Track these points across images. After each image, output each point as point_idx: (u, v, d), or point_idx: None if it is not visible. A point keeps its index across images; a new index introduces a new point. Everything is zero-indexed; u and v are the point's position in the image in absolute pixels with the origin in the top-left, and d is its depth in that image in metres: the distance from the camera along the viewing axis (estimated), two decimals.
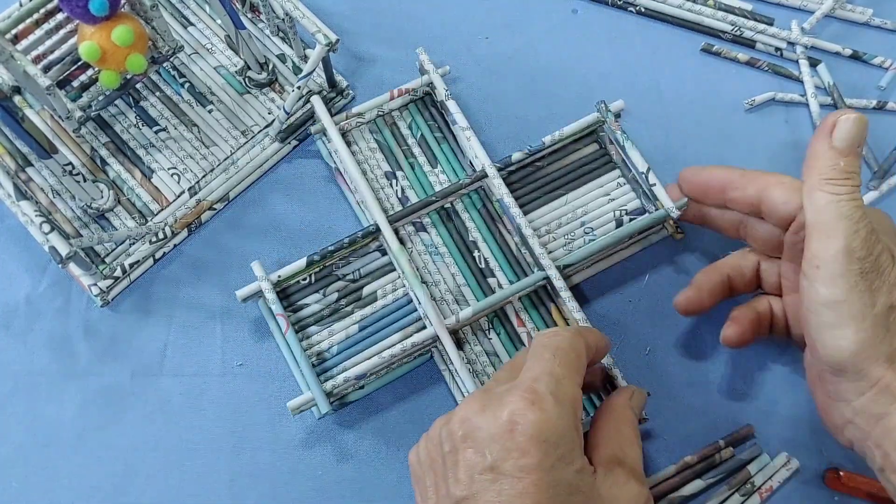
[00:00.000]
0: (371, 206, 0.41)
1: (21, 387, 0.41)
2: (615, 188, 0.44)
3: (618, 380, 0.38)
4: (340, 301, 0.41)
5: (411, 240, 0.43)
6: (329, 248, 0.41)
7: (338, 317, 0.41)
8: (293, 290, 0.41)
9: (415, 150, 0.45)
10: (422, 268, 0.42)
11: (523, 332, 0.41)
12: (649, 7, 0.51)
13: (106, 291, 0.42)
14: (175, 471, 0.40)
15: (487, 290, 0.42)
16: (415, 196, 0.44)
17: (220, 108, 0.46)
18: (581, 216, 0.43)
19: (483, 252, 0.43)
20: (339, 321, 0.41)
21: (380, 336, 0.40)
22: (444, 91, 0.44)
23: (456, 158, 0.45)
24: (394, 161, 0.45)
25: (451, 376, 0.41)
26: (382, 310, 0.41)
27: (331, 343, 0.40)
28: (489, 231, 0.43)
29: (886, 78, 0.49)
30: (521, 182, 0.44)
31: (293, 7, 0.39)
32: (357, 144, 0.45)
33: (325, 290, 0.41)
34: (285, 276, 0.40)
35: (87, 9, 0.37)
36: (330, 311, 0.41)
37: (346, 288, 0.41)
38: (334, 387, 0.38)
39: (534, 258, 0.41)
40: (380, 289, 0.42)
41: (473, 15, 0.50)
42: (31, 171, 0.44)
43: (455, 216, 0.43)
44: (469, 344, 0.41)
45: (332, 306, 0.41)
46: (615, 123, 0.43)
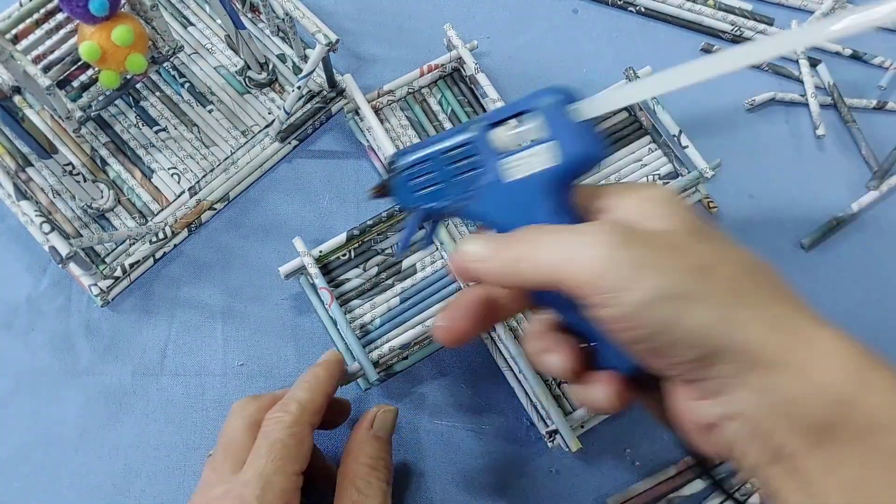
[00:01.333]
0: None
1: (22, 386, 0.41)
2: (647, 154, 0.45)
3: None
4: (381, 275, 0.42)
5: None
6: (368, 222, 0.42)
7: (379, 290, 0.42)
8: (334, 266, 0.42)
9: (446, 125, 0.46)
10: (459, 239, 0.43)
11: None
12: (649, 7, 0.51)
13: (106, 291, 0.42)
14: (176, 470, 0.40)
15: None
16: None
17: (221, 108, 0.46)
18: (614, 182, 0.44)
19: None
20: (381, 294, 0.42)
21: (421, 307, 0.41)
22: (474, 65, 0.45)
23: None
24: (426, 137, 0.45)
25: (493, 343, 0.42)
26: (422, 282, 0.42)
27: (373, 316, 0.41)
28: None
29: (886, 78, 0.49)
30: None
31: (293, 7, 0.39)
32: (389, 122, 0.46)
33: (364, 265, 0.42)
34: (326, 252, 0.41)
35: (87, 9, 0.37)
36: (371, 285, 0.42)
37: (385, 262, 0.42)
38: (380, 356, 0.39)
39: None
40: (419, 261, 0.42)
41: (474, 15, 0.51)
42: (32, 171, 0.44)
43: None
44: None
45: (372, 280, 0.42)
46: None
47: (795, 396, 0.23)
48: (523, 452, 0.40)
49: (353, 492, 0.33)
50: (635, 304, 0.24)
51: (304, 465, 0.32)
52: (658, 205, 0.26)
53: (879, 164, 0.46)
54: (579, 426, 0.40)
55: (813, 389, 0.23)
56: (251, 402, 0.35)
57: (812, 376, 0.23)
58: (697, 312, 0.24)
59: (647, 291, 0.23)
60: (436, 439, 0.41)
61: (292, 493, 0.31)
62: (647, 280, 0.24)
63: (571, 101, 0.28)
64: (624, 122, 0.45)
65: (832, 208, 0.46)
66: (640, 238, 0.24)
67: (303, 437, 0.32)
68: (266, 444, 0.31)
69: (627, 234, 0.24)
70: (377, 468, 0.34)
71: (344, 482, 0.33)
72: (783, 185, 0.47)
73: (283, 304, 0.43)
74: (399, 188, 0.33)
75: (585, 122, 0.27)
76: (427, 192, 0.32)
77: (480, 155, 0.29)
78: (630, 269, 0.24)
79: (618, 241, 0.24)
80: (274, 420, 0.32)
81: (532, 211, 0.28)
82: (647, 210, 0.26)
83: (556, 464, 0.40)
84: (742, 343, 0.24)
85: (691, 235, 0.25)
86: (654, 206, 0.26)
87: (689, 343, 0.24)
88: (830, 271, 0.45)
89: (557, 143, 0.27)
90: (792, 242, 0.45)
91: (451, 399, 0.41)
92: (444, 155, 0.31)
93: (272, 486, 0.30)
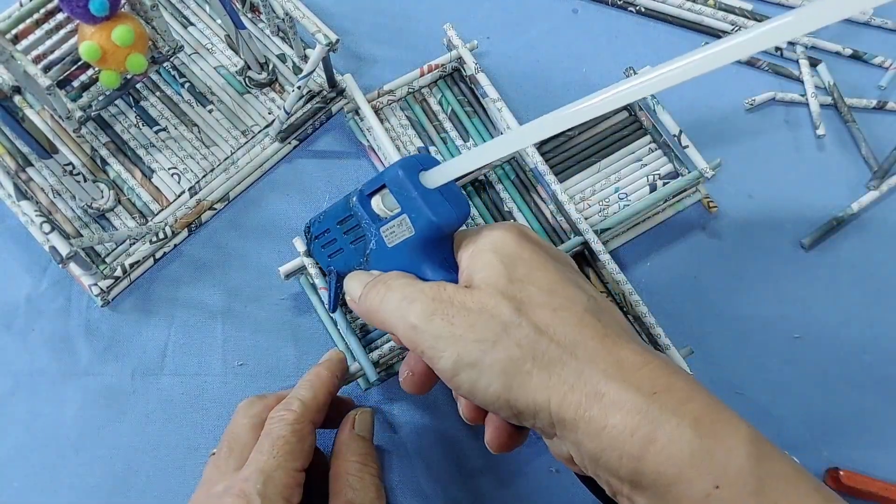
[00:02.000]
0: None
1: (22, 386, 0.41)
2: (647, 153, 0.45)
3: None
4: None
5: None
6: None
7: None
8: None
9: (446, 124, 0.46)
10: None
11: None
12: (649, 7, 0.51)
13: (106, 291, 0.42)
14: (176, 471, 0.40)
15: None
16: None
17: (221, 108, 0.46)
18: (615, 182, 0.44)
19: (518, 221, 0.43)
20: None
21: None
22: (474, 64, 0.45)
23: (487, 131, 0.46)
24: (426, 136, 0.45)
25: None
26: None
27: None
28: (523, 201, 0.44)
29: (886, 78, 0.49)
30: (554, 152, 0.45)
31: (293, 7, 0.39)
32: (389, 122, 0.46)
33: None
34: None
35: (88, 9, 0.37)
36: None
37: None
38: (380, 356, 0.39)
39: (570, 224, 0.42)
40: None
41: (474, 15, 0.51)
42: (32, 171, 0.44)
43: (489, 187, 0.44)
44: None
45: None
46: None
47: (596, 452, 0.25)
48: (523, 452, 0.40)
49: (347, 490, 0.33)
50: (444, 371, 0.27)
51: (307, 462, 0.32)
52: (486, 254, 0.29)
53: (879, 164, 0.46)
54: None
55: (606, 446, 0.24)
56: (257, 401, 0.35)
57: (602, 435, 0.24)
58: (488, 380, 0.26)
59: (447, 360, 0.27)
60: (436, 439, 0.41)
61: (294, 489, 0.31)
62: (448, 351, 0.27)
63: (420, 170, 0.30)
64: (624, 121, 0.45)
65: (832, 208, 0.46)
66: (452, 305, 0.28)
67: (305, 435, 0.32)
68: (268, 441, 0.32)
69: (442, 301, 0.28)
70: (367, 464, 0.34)
71: (337, 482, 0.33)
72: (783, 185, 0.47)
73: (283, 304, 0.43)
74: (315, 252, 0.38)
75: (439, 188, 0.30)
76: (334, 257, 0.36)
77: (365, 223, 0.33)
78: (436, 340, 0.27)
79: (432, 310, 0.28)
80: (276, 418, 0.33)
81: (415, 267, 0.31)
82: (477, 262, 0.29)
83: (556, 463, 0.40)
84: (534, 406, 0.26)
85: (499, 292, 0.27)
86: (483, 256, 0.29)
87: (495, 405, 0.27)
88: (830, 271, 0.45)
89: (406, 217, 0.30)
90: (792, 242, 0.45)
91: (452, 399, 0.41)
92: (338, 226, 0.35)
93: (273, 481, 0.30)
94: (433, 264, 0.31)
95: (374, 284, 0.31)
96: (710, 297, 0.44)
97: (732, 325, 0.43)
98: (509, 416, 0.27)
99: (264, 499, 0.29)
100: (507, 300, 0.27)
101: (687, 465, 0.23)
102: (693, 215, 0.46)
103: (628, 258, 0.45)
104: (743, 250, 0.45)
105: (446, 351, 0.27)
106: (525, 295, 0.27)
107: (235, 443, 0.33)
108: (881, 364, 0.43)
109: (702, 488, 0.23)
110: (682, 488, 0.23)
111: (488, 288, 0.28)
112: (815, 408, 0.42)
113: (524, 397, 0.26)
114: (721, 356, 0.43)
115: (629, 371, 0.25)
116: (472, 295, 0.28)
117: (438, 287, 0.29)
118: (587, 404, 0.25)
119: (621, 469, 0.24)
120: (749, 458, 0.23)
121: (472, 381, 0.27)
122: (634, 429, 0.24)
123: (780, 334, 0.43)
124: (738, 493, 0.23)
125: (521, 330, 0.26)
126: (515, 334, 0.26)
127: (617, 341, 0.26)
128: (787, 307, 0.44)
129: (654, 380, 0.25)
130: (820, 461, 0.41)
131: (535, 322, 0.26)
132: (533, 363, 0.26)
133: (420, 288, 0.29)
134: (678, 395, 0.24)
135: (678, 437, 0.23)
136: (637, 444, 0.24)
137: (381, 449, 0.40)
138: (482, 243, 0.29)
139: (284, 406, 0.33)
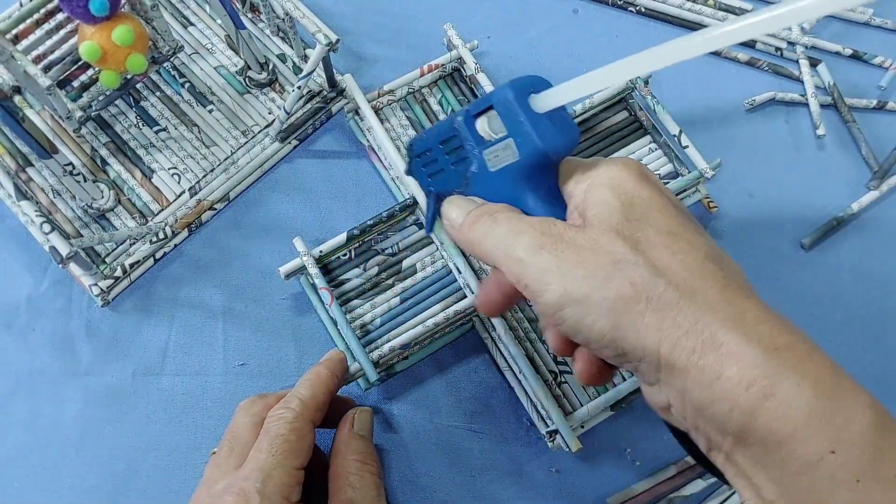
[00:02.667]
0: (407, 180, 0.42)
1: (22, 386, 0.41)
2: (647, 154, 0.45)
3: None
4: (381, 274, 0.42)
5: None
6: (368, 222, 0.41)
7: (379, 290, 0.42)
8: (334, 266, 0.42)
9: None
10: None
11: None
12: (649, 7, 0.51)
13: (106, 291, 0.42)
14: (177, 471, 0.40)
15: None
16: None
17: (221, 108, 0.46)
18: None
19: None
20: (381, 294, 0.41)
21: (421, 307, 0.41)
22: (474, 64, 0.45)
23: None
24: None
25: (493, 344, 0.42)
26: (423, 282, 0.42)
27: (373, 315, 0.41)
28: None
29: (886, 78, 0.49)
30: None
31: (293, 7, 0.39)
32: (389, 122, 0.46)
33: (365, 265, 0.42)
34: (326, 252, 0.41)
35: (88, 9, 0.37)
36: (371, 285, 0.42)
37: (385, 262, 0.42)
38: (381, 356, 0.39)
39: None
40: (419, 261, 0.42)
41: (474, 14, 0.51)
42: (32, 171, 0.44)
43: None
44: (510, 311, 0.42)
45: (373, 280, 0.42)
46: (645, 89, 0.44)
47: (704, 402, 0.23)
48: (523, 452, 0.40)
49: (346, 488, 0.33)
50: (549, 306, 0.26)
51: (306, 461, 0.32)
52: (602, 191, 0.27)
53: (879, 164, 0.46)
54: (579, 426, 0.40)
55: (717, 397, 0.23)
56: (258, 400, 0.35)
57: (714, 385, 0.23)
58: (595, 318, 0.25)
59: (554, 295, 0.26)
60: (436, 439, 0.41)
61: (293, 488, 0.31)
62: (554, 285, 0.25)
63: (530, 93, 0.28)
64: (624, 121, 0.45)
65: (832, 208, 0.46)
66: (561, 241, 0.26)
67: (304, 433, 0.32)
68: (267, 440, 0.32)
69: (551, 237, 0.26)
70: (366, 462, 0.34)
71: (337, 481, 0.33)
72: (783, 185, 0.47)
73: (283, 304, 0.43)
74: (415, 171, 0.35)
75: (548, 113, 0.28)
76: (434, 178, 0.34)
77: (468, 144, 0.31)
78: (543, 274, 0.26)
79: (540, 244, 0.26)
80: (276, 416, 0.33)
81: (517, 195, 0.29)
82: (592, 198, 0.27)
83: (557, 464, 0.40)
84: (642, 349, 0.24)
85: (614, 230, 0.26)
86: (598, 192, 0.27)
87: (599, 343, 0.26)
88: (830, 271, 0.45)
89: (512, 140, 0.28)
90: (792, 242, 0.45)
91: (452, 399, 0.41)
92: (440, 146, 0.33)
93: (272, 479, 0.30)
94: (537, 194, 0.29)
95: (478, 216, 0.29)
96: None
97: None
98: (611, 355, 0.26)
99: (263, 497, 0.29)
100: (622, 238, 0.25)
101: (803, 424, 0.22)
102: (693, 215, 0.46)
103: None
104: (743, 250, 0.45)
105: (552, 284, 0.26)
106: (643, 235, 0.26)
107: (236, 442, 0.33)
108: (881, 364, 0.43)
109: (816, 450, 0.22)
110: (793, 448, 0.22)
111: (602, 225, 0.26)
112: None
113: (632, 338, 0.25)
114: None
115: (750, 324, 0.24)
116: (584, 232, 0.26)
117: (547, 222, 0.27)
118: (701, 352, 0.23)
119: (729, 423, 0.23)
120: (871, 427, 0.22)
121: (577, 318, 0.25)
122: (751, 382, 0.22)
123: None
124: (854, 460, 0.22)
125: (636, 268, 0.25)
126: (630, 272, 0.25)
127: (738, 293, 0.25)
128: (787, 307, 0.43)
129: (776, 336, 0.24)
130: None
131: (652, 262, 0.25)
132: (646, 304, 0.24)
133: (528, 221, 0.28)
134: (799, 354, 0.23)
135: (797, 395, 0.22)
136: (751, 399, 0.22)
137: (381, 449, 0.40)
138: (598, 179, 0.27)
139: (284, 405, 0.33)
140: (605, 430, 0.41)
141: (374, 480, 0.34)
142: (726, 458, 0.24)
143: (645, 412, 0.41)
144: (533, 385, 0.39)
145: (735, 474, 0.24)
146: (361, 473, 0.34)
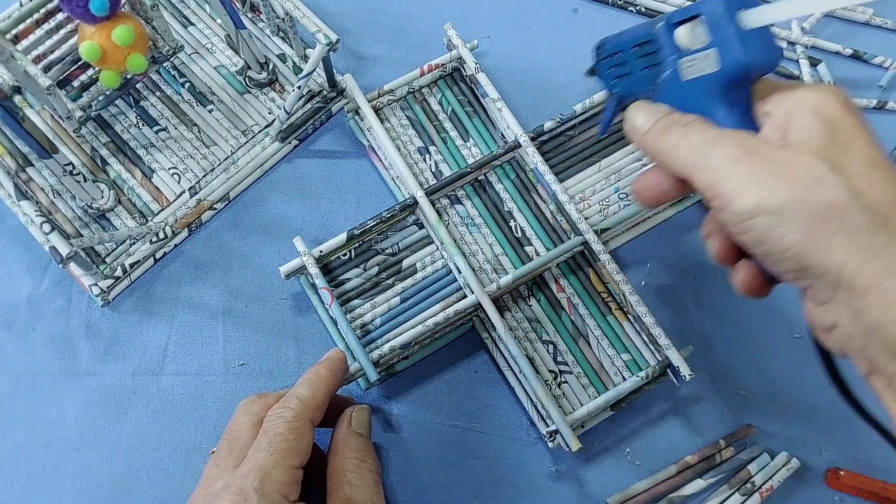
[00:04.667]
0: (407, 180, 0.42)
1: (22, 386, 0.41)
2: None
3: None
4: (381, 274, 0.42)
5: (447, 212, 0.43)
6: (368, 222, 0.41)
7: (379, 290, 0.42)
8: (334, 266, 0.42)
9: (446, 124, 0.46)
10: (459, 239, 0.43)
11: (563, 297, 0.42)
12: (649, 7, 0.51)
13: (107, 291, 0.42)
14: (177, 470, 0.40)
15: (525, 259, 0.42)
16: (448, 170, 0.45)
17: (221, 107, 0.46)
18: (615, 182, 0.44)
19: (519, 221, 0.43)
20: (381, 294, 0.41)
21: (422, 307, 0.41)
22: (474, 64, 0.45)
23: (487, 131, 0.46)
24: (426, 136, 0.45)
25: (493, 343, 0.42)
26: (423, 281, 0.42)
27: (374, 315, 0.41)
28: (524, 200, 0.44)
29: (887, 77, 0.49)
30: (554, 151, 0.45)
31: (293, 7, 0.39)
32: (389, 121, 0.46)
33: (365, 265, 0.42)
34: (327, 252, 0.41)
35: (88, 9, 0.37)
36: (371, 285, 0.42)
37: (385, 262, 0.42)
38: (381, 356, 0.39)
39: (571, 224, 0.42)
40: (419, 261, 0.42)
41: (474, 15, 0.50)
42: (32, 171, 0.44)
43: (489, 187, 0.44)
44: (510, 311, 0.42)
45: (373, 280, 0.42)
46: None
47: (879, 323, 0.24)
48: (523, 452, 0.41)
49: (345, 486, 0.33)
50: (739, 214, 0.26)
51: (304, 460, 0.32)
52: (806, 114, 0.27)
53: None
54: (579, 426, 0.40)
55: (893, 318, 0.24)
56: (257, 400, 0.35)
57: (892, 308, 0.24)
58: (786, 229, 0.26)
59: (748, 204, 0.26)
60: (436, 439, 0.41)
61: (291, 487, 0.31)
62: (749, 194, 0.26)
63: (740, 7, 0.28)
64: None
65: None
66: (758, 155, 0.27)
67: (302, 433, 0.32)
68: (266, 439, 0.32)
69: (749, 150, 0.27)
70: (365, 460, 0.34)
71: (335, 479, 0.33)
72: None
73: (283, 303, 0.43)
74: (601, 72, 0.36)
75: (754, 30, 0.28)
76: (621, 80, 0.35)
77: (663, 51, 0.31)
78: (738, 183, 0.26)
79: (737, 155, 0.27)
80: (275, 415, 0.33)
81: (706, 108, 0.30)
82: (795, 120, 0.28)
83: (557, 464, 0.40)
84: (826, 266, 0.25)
85: (815, 152, 0.26)
86: (802, 116, 0.27)
87: (783, 256, 0.26)
88: None
89: (716, 50, 0.29)
90: None
91: (452, 399, 0.41)
92: (634, 48, 0.33)
93: (271, 478, 0.30)
94: (727, 109, 0.29)
95: (668, 124, 0.30)
96: (710, 297, 0.44)
97: (732, 324, 0.43)
98: (788, 269, 0.27)
99: (262, 496, 0.30)
100: (823, 160, 0.26)
101: None
102: (693, 215, 0.46)
103: (628, 258, 0.45)
104: None
105: (748, 194, 0.26)
106: (845, 161, 0.26)
107: (235, 441, 0.33)
108: None
109: None
110: None
111: (804, 146, 0.27)
112: (815, 407, 0.42)
113: (819, 254, 0.25)
114: (721, 355, 0.43)
115: None
116: (784, 151, 0.27)
117: (744, 135, 0.28)
118: (885, 274, 0.24)
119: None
120: None
121: (767, 228, 0.26)
122: None
123: (780, 334, 0.43)
124: None
125: (834, 189, 0.25)
126: (827, 192, 0.25)
127: None
128: (787, 307, 0.44)
129: None
130: (820, 461, 0.41)
131: (851, 184, 0.26)
132: (840, 223, 0.25)
133: (724, 132, 0.28)
134: None
135: None
136: None
137: (381, 448, 0.41)
138: (803, 102, 0.28)
139: (283, 404, 0.33)
140: (605, 430, 0.41)
141: (373, 478, 0.34)
142: (888, 382, 0.25)
143: (645, 412, 0.41)
144: (533, 385, 0.39)
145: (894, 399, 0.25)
146: (360, 471, 0.34)
